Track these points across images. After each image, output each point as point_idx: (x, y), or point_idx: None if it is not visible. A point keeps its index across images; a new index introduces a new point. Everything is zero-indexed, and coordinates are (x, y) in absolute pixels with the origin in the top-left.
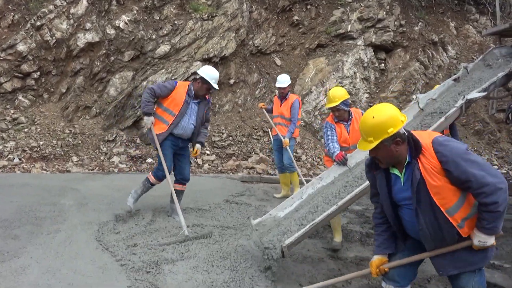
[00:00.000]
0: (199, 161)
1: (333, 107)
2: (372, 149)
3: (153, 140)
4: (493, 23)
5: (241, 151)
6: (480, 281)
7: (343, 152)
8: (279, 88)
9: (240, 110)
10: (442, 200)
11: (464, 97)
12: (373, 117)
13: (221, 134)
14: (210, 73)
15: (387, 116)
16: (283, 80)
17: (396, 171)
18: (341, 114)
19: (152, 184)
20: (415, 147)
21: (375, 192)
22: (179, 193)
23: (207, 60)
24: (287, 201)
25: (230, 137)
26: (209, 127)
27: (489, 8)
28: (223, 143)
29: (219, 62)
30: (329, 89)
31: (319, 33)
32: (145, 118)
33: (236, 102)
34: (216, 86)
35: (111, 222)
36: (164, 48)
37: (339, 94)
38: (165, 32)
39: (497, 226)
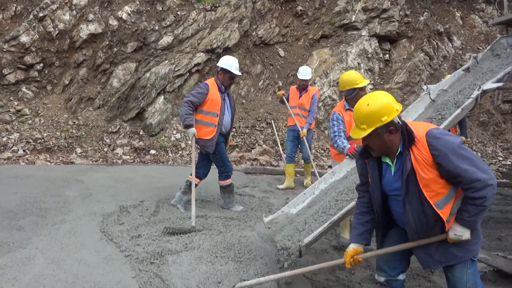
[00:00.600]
0: None
1: (362, 86)
2: (365, 137)
3: (207, 146)
4: (499, 12)
5: (244, 143)
6: (473, 273)
7: (355, 144)
8: (302, 80)
9: (244, 101)
10: (430, 193)
11: (479, 87)
12: (368, 104)
13: None
14: (228, 62)
15: (382, 104)
16: (306, 72)
17: (388, 160)
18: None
19: (232, 185)
20: (408, 137)
21: (364, 181)
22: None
23: (210, 51)
24: (299, 197)
25: (233, 129)
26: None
27: None
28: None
29: (222, 53)
30: (333, 80)
31: (323, 23)
32: (187, 130)
33: (240, 94)
34: (237, 72)
35: (115, 213)
36: (167, 39)
37: (360, 75)
38: (168, 23)
39: (476, 221)
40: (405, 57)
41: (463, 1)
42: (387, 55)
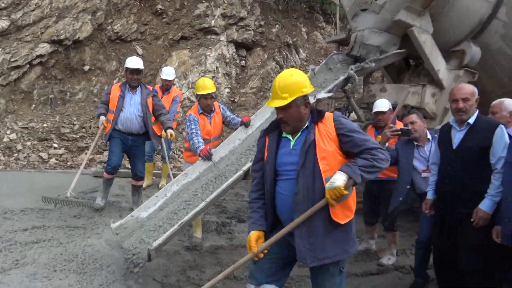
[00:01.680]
0: (44, 155)
1: (208, 94)
2: (283, 109)
3: (105, 138)
4: (335, 32)
5: (96, 144)
6: (340, 283)
7: (208, 147)
8: (165, 80)
9: (96, 99)
10: (326, 166)
11: (314, 96)
12: (292, 75)
13: (72, 125)
14: (127, 60)
15: (303, 78)
16: (170, 73)
17: (289, 136)
18: (212, 102)
19: (108, 179)
20: (318, 114)
21: (260, 157)
22: (135, 189)
23: (56, 43)
24: (151, 200)
25: (83, 129)
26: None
27: (333, 18)
28: (74, 135)
29: (71, 45)
30: (192, 82)
31: (183, 25)
32: None
33: (91, 91)
34: (131, 65)
35: None
36: (1, 24)
37: (212, 82)
38: (3, 5)
39: (357, 172)
40: (259, 64)
41: (308, 19)
42: (243, 61)
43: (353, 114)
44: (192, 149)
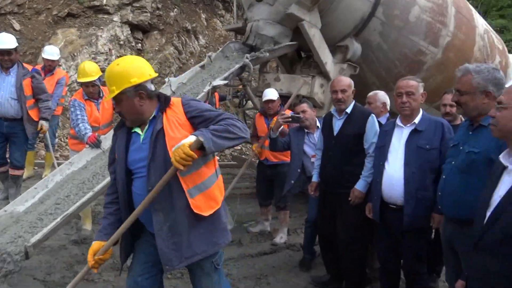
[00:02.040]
0: None
1: (89, 82)
2: (117, 102)
3: None
4: (234, 20)
5: None
6: (218, 282)
7: (96, 133)
8: (48, 60)
9: None
10: None
11: (210, 83)
12: (118, 64)
13: None
14: None
15: (133, 66)
16: (53, 52)
17: (138, 130)
18: (96, 90)
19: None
20: (164, 101)
21: (113, 158)
22: (12, 179)
23: None
24: (29, 192)
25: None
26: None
27: (232, 7)
28: None
29: None
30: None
31: (70, 0)
32: None
33: None
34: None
35: None
36: None
37: (95, 68)
38: None
39: (207, 135)
40: (156, 48)
41: (208, 5)
42: (140, 45)
43: (249, 102)
44: (78, 137)
